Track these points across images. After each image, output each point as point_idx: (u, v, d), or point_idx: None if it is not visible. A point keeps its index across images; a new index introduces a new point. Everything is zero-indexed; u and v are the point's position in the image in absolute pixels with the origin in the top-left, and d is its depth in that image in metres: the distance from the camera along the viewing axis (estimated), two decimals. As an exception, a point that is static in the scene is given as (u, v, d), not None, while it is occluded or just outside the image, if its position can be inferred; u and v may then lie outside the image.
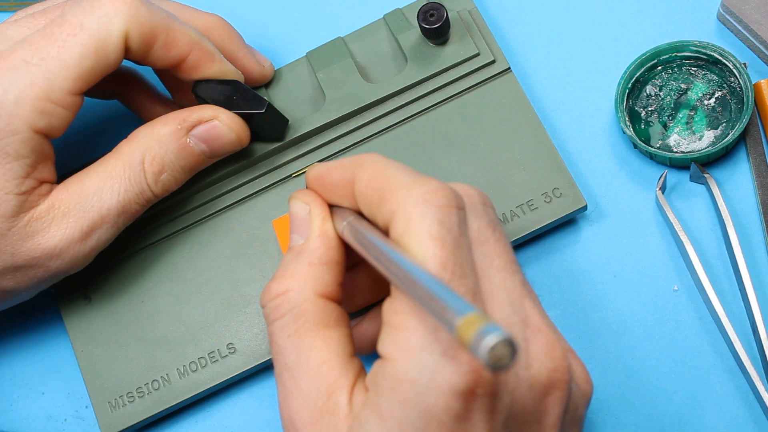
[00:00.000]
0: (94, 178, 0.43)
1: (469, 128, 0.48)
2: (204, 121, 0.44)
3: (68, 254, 0.43)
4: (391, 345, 0.34)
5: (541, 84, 0.51)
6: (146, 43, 0.42)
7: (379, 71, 0.50)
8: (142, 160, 0.43)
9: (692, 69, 0.49)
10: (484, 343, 0.27)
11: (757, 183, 0.47)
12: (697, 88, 0.48)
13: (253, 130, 0.46)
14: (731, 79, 0.48)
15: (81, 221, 0.42)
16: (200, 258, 0.48)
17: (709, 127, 0.48)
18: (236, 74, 0.46)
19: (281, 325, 0.38)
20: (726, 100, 0.48)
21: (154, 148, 0.43)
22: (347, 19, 0.53)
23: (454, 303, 0.29)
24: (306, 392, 0.36)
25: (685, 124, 0.48)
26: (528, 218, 0.46)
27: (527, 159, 0.47)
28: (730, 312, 0.46)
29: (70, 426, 0.49)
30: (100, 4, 0.41)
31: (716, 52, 0.47)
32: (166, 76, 0.48)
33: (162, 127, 0.44)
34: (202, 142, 0.45)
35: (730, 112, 0.48)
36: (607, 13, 0.51)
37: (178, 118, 0.44)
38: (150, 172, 0.43)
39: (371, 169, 0.37)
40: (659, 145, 0.48)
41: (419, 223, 0.34)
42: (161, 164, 0.44)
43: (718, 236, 0.47)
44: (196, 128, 0.44)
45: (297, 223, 0.40)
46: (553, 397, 0.35)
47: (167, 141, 0.44)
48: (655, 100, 0.49)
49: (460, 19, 0.49)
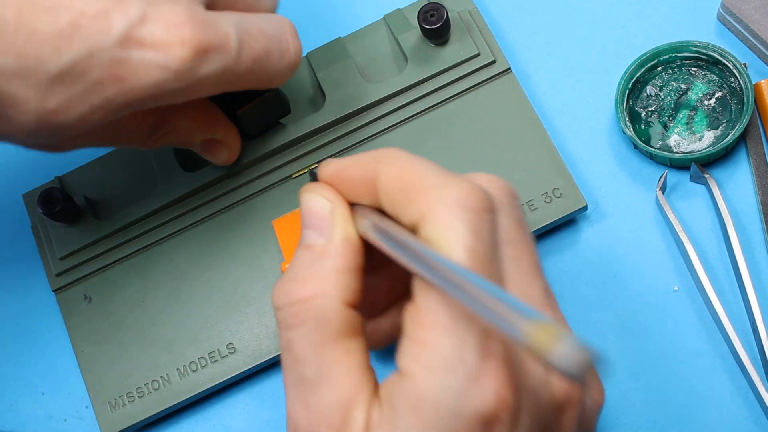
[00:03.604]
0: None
1: (469, 128, 0.48)
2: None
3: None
4: (413, 361, 0.32)
5: (541, 84, 0.51)
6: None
7: (379, 71, 0.50)
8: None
9: (692, 69, 0.49)
10: (567, 352, 0.26)
11: (757, 183, 0.47)
12: (697, 89, 0.48)
13: (263, 115, 0.46)
14: (731, 79, 0.48)
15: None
16: (200, 258, 0.48)
17: (710, 128, 0.48)
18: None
19: (302, 333, 0.35)
20: (726, 101, 0.48)
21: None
22: (347, 19, 0.53)
23: (521, 309, 0.28)
24: (324, 407, 0.34)
25: (685, 125, 0.48)
26: (528, 218, 0.46)
27: (527, 159, 0.47)
28: (730, 312, 0.46)
29: (70, 426, 0.49)
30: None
31: (716, 53, 0.48)
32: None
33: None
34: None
35: (730, 113, 0.48)
36: (607, 13, 0.51)
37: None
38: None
39: (396, 165, 0.35)
40: (659, 146, 0.48)
41: (453, 231, 0.32)
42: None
43: (719, 236, 0.47)
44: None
45: (315, 220, 0.37)
46: (569, 413, 0.34)
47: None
48: (656, 101, 0.49)
49: (461, 20, 0.49)
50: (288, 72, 0.42)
